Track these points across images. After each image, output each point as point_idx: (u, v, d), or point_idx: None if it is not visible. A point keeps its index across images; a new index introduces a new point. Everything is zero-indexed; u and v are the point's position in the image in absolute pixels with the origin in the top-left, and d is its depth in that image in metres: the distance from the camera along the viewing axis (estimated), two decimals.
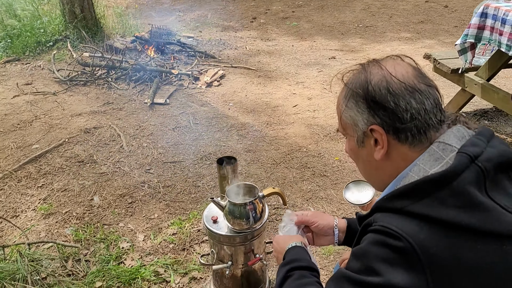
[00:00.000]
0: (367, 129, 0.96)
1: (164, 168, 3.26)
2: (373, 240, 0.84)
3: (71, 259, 2.38)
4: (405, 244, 0.78)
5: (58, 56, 5.65)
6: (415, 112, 0.91)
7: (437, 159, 0.89)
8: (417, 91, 0.92)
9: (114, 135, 3.76)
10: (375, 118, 0.94)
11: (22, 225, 2.68)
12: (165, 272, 2.26)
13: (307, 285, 1.07)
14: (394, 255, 0.80)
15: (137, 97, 4.57)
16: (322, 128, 3.80)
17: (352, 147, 1.05)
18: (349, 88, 1.00)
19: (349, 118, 1.00)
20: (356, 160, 1.08)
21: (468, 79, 3.50)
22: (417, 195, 0.83)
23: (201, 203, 2.84)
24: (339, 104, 1.05)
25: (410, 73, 0.95)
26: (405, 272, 0.78)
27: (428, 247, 0.78)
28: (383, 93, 0.92)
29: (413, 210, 0.82)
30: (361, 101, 0.96)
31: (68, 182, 3.11)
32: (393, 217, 0.84)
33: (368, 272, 0.82)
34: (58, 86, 4.86)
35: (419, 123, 0.92)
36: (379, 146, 0.96)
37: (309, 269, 1.14)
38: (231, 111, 4.25)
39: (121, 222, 2.68)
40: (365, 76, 0.96)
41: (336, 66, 5.49)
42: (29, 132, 3.85)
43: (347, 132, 1.05)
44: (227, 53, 6.17)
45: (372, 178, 1.08)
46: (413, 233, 0.79)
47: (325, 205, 2.78)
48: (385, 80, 0.93)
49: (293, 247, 1.25)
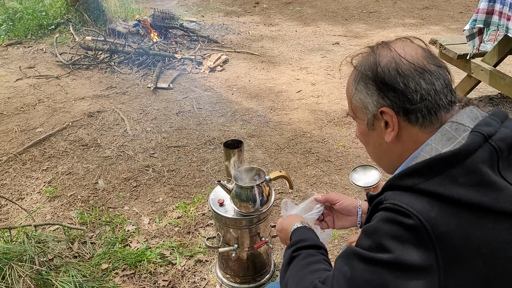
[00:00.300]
0: (377, 111, 0.96)
1: (168, 153, 3.26)
2: (383, 218, 0.84)
3: (77, 241, 2.40)
4: (415, 221, 0.78)
5: (60, 39, 5.61)
6: (425, 92, 0.90)
7: (449, 138, 0.88)
8: (427, 71, 0.91)
9: (117, 119, 3.75)
10: (385, 100, 0.94)
11: (28, 207, 2.69)
12: (171, 254, 2.28)
13: (314, 263, 1.06)
14: (404, 232, 0.80)
15: (140, 82, 4.55)
16: (326, 114, 3.78)
17: (362, 130, 1.05)
18: (358, 71, 0.99)
19: (359, 101, 1.00)
20: (366, 144, 1.08)
21: (475, 65, 3.47)
22: (429, 173, 0.83)
23: (205, 187, 2.85)
24: (348, 87, 1.05)
25: (420, 54, 0.94)
26: (415, 249, 0.78)
27: (438, 225, 0.78)
28: (392, 75, 0.92)
29: (424, 188, 0.82)
30: (370, 83, 0.96)
31: (72, 165, 3.12)
32: (404, 195, 0.84)
33: (378, 249, 0.82)
34: (61, 70, 4.84)
35: (429, 104, 0.91)
36: (390, 128, 0.96)
37: (315, 247, 1.13)
38: (234, 96, 4.23)
39: (126, 206, 2.69)
40: (374, 58, 0.96)
41: (340, 52, 5.44)
42: (32, 115, 3.84)
43: (357, 116, 1.04)
44: (230, 38, 6.12)
45: (382, 161, 1.08)
46: (424, 211, 0.79)
47: (329, 190, 2.78)
48: (394, 61, 0.93)
49: (297, 229, 1.25)
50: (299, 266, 1.08)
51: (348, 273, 0.86)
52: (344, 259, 0.90)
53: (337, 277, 0.88)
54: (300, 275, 1.04)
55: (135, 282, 2.13)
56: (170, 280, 2.13)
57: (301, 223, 1.27)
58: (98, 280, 2.12)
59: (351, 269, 0.86)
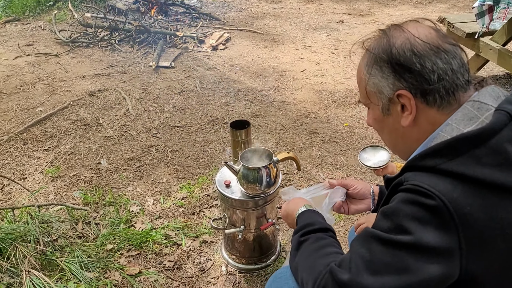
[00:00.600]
0: (393, 95, 0.93)
1: (171, 133, 3.22)
2: (404, 199, 0.82)
3: (81, 221, 2.38)
4: (437, 202, 0.76)
5: (59, 16, 5.49)
6: (442, 72, 0.88)
7: (471, 118, 0.85)
8: (443, 50, 0.89)
9: (119, 99, 3.69)
10: (401, 82, 0.91)
11: (31, 187, 2.67)
12: (176, 235, 2.27)
13: (324, 247, 1.04)
14: (425, 213, 0.78)
15: (142, 60, 4.47)
16: (331, 94, 3.73)
17: (376, 116, 1.01)
18: (371, 54, 0.96)
19: (373, 86, 0.96)
20: (381, 130, 1.04)
21: (483, 44, 3.39)
22: (451, 153, 0.80)
23: (209, 168, 2.82)
24: (360, 72, 1.01)
25: (433, 33, 0.91)
26: (436, 231, 0.77)
27: (462, 206, 0.76)
28: (407, 55, 0.89)
29: (447, 168, 0.79)
30: (385, 66, 0.92)
31: (74, 145, 3.08)
32: (425, 176, 0.81)
33: (398, 231, 0.80)
34: (60, 48, 4.75)
35: (447, 84, 0.88)
36: (407, 111, 0.93)
37: (323, 230, 1.11)
38: (237, 75, 4.16)
39: (130, 186, 2.67)
40: (387, 40, 0.93)
41: (345, 30, 5.34)
42: (32, 94, 3.79)
43: (371, 101, 1.00)
44: (232, 16, 6.00)
45: (399, 146, 1.04)
46: (446, 191, 0.77)
47: (334, 171, 2.75)
48: (409, 42, 0.90)
49: (302, 213, 1.22)
50: (309, 251, 1.06)
51: (366, 255, 0.84)
52: (361, 241, 0.88)
53: (355, 260, 0.85)
54: (310, 260, 1.02)
55: (140, 263, 2.12)
56: (175, 261, 2.13)
57: (305, 207, 1.25)
58: (103, 260, 2.11)
59: (370, 251, 0.84)
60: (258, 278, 2.03)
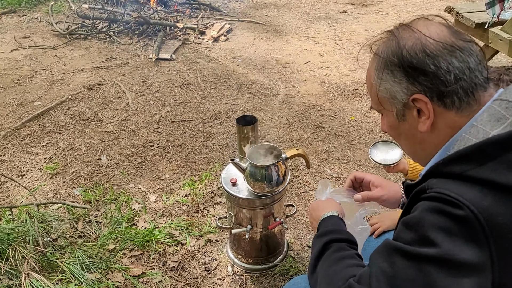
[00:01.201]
0: (408, 99, 0.85)
1: (173, 127, 3.14)
2: (428, 208, 0.75)
3: (82, 220, 2.31)
4: (466, 212, 0.69)
5: (56, 7, 5.38)
6: (459, 72, 0.81)
7: (499, 119, 0.78)
8: (457, 48, 0.82)
9: (119, 92, 3.60)
10: (416, 86, 0.84)
11: (29, 185, 2.59)
12: (180, 234, 2.20)
13: (346, 258, 0.99)
14: (453, 224, 0.71)
15: (141, 52, 4.37)
16: (336, 86, 3.64)
17: (391, 123, 0.94)
18: (381, 58, 0.88)
19: (385, 92, 0.89)
20: (397, 137, 0.97)
21: (493, 34, 3.29)
22: (480, 159, 0.73)
23: (213, 164, 2.74)
24: (370, 78, 0.94)
25: (445, 31, 0.85)
26: (465, 244, 0.70)
27: (494, 216, 0.69)
28: (420, 57, 0.82)
29: (475, 175, 0.72)
30: (397, 70, 0.85)
31: (73, 140, 3.00)
32: (452, 183, 0.74)
33: (423, 242, 0.73)
34: (57, 40, 4.64)
35: (465, 84, 0.81)
36: (424, 116, 0.85)
37: (347, 242, 1.06)
38: (240, 67, 4.06)
39: (131, 183, 2.59)
40: (396, 42, 0.86)
41: (348, 21, 5.23)
42: (29, 88, 3.69)
43: (384, 108, 0.93)
44: (232, 6, 5.88)
45: (418, 153, 0.96)
46: (476, 200, 0.70)
47: (342, 166, 2.68)
48: (420, 42, 0.83)
49: (330, 217, 1.18)
50: (330, 261, 1.01)
51: (388, 270, 0.77)
52: (382, 254, 0.81)
53: (376, 275, 0.79)
54: (331, 271, 0.97)
55: (143, 263, 2.05)
56: (180, 261, 2.06)
57: (337, 212, 1.20)
58: (105, 261, 2.04)
59: (392, 266, 0.77)
60: (265, 279, 1.96)
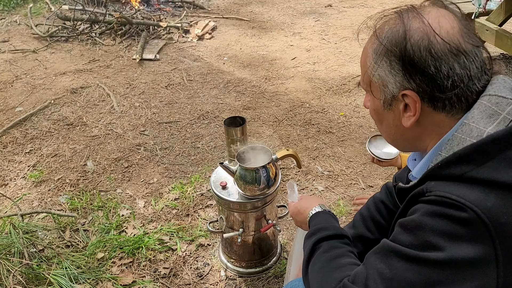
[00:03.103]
0: (399, 93, 0.81)
1: (159, 129, 3.07)
2: (428, 211, 0.72)
3: (69, 229, 2.24)
4: (470, 214, 0.67)
5: (35, 10, 5.25)
6: (457, 79, 0.77)
7: (491, 115, 0.75)
8: (463, 53, 0.76)
9: (103, 95, 3.52)
10: (410, 83, 0.79)
11: (13, 194, 2.51)
12: (170, 240, 2.15)
13: (338, 258, 0.95)
14: (457, 227, 0.69)
15: (125, 53, 4.28)
16: (324, 82, 3.60)
17: (376, 107, 0.90)
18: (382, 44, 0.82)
19: (378, 77, 0.85)
20: (379, 122, 0.93)
21: (479, 25, 3.30)
22: (480, 158, 0.71)
23: (202, 165, 2.69)
24: (366, 57, 0.88)
25: (456, 28, 0.78)
26: (469, 245, 0.68)
27: (498, 216, 0.67)
28: (423, 55, 0.77)
29: (476, 175, 0.70)
30: (395, 61, 0.80)
31: (58, 146, 2.92)
32: (452, 185, 0.71)
33: (425, 248, 0.71)
34: (38, 43, 4.52)
35: (460, 91, 0.77)
36: (410, 113, 0.82)
37: (337, 237, 1.02)
38: (226, 66, 4.00)
39: (119, 188, 2.53)
40: (403, 31, 0.79)
41: (334, 15, 5.20)
42: (10, 93, 3.59)
43: (372, 91, 0.89)
44: (216, 3, 5.81)
45: (396, 142, 0.94)
46: (478, 201, 0.68)
47: (333, 163, 2.65)
48: (427, 39, 0.77)
49: (314, 215, 1.14)
50: (321, 262, 0.97)
51: (385, 272, 0.75)
52: (380, 256, 0.79)
53: (373, 277, 0.76)
54: (322, 273, 0.93)
55: (134, 271, 2.00)
56: (171, 267, 2.01)
57: (320, 207, 1.16)
58: (94, 270, 1.98)
59: (390, 268, 0.75)
60: (259, 282, 1.93)
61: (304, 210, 1.20)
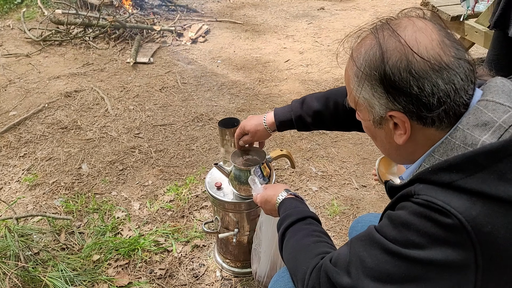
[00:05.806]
0: (386, 114, 0.82)
1: (154, 132, 3.08)
2: (415, 211, 0.74)
3: (64, 232, 2.25)
4: (454, 221, 0.68)
5: (28, 14, 5.24)
6: (443, 95, 0.76)
7: (486, 122, 0.75)
8: (445, 67, 0.75)
9: (97, 98, 3.52)
10: (395, 105, 0.79)
11: (7, 198, 2.51)
12: (166, 241, 2.16)
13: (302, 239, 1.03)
14: (440, 231, 0.70)
15: (119, 57, 4.29)
16: (317, 84, 3.64)
17: (367, 125, 0.92)
18: (360, 70, 0.82)
19: (363, 100, 0.85)
20: (373, 138, 0.95)
21: (469, 27, 3.35)
22: (470, 168, 0.71)
23: (196, 167, 2.70)
24: (348, 79, 0.89)
25: (435, 41, 0.77)
26: (449, 249, 0.70)
27: (482, 225, 0.68)
28: (403, 77, 0.76)
29: (465, 185, 0.70)
30: (377, 85, 0.80)
31: (52, 150, 2.92)
32: (439, 191, 0.72)
33: (408, 245, 0.73)
34: (31, 47, 4.52)
35: (448, 107, 0.77)
36: (401, 131, 0.83)
37: (300, 220, 1.09)
38: (220, 68, 4.03)
39: (114, 191, 2.54)
40: (380, 54, 0.78)
41: (326, 18, 5.25)
42: (4, 98, 3.58)
43: (360, 111, 0.90)
44: (209, 7, 5.84)
45: (393, 156, 0.96)
46: (464, 209, 0.69)
47: (326, 164, 2.68)
48: (406, 59, 0.76)
49: (282, 201, 1.21)
50: (289, 249, 1.04)
51: (367, 261, 0.78)
52: (364, 243, 0.81)
53: (355, 264, 0.80)
54: (292, 259, 1.01)
55: (130, 273, 2.01)
56: (167, 268, 2.02)
57: (286, 192, 1.22)
58: (90, 273, 1.99)
59: (372, 258, 0.78)
60: (254, 282, 1.94)
61: (271, 198, 1.25)
